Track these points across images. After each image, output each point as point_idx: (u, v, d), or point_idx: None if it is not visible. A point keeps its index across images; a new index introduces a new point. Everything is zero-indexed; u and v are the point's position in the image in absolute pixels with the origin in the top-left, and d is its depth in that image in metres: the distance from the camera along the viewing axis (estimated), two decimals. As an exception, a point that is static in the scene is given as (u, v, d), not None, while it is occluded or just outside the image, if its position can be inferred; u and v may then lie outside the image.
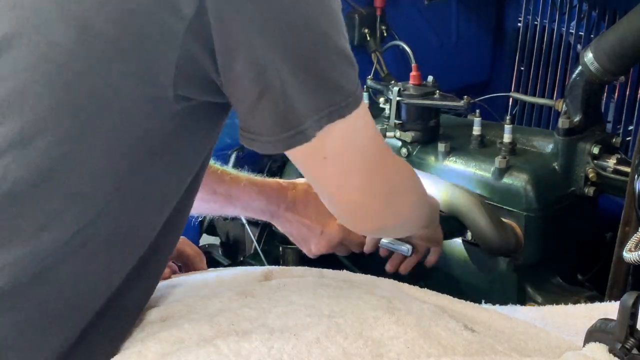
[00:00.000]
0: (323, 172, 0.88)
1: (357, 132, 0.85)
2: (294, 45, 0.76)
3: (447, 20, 2.08)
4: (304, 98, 0.77)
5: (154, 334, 0.80)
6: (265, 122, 0.78)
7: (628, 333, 0.76)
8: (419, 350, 0.75)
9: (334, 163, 0.86)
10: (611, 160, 1.40)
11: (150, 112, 0.76)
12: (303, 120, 0.78)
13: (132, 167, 0.78)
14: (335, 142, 0.83)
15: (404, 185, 1.00)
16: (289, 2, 0.75)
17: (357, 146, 0.87)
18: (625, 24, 1.36)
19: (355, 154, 0.87)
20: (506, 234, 1.41)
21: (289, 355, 0.73)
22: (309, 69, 0.77)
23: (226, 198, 1.23)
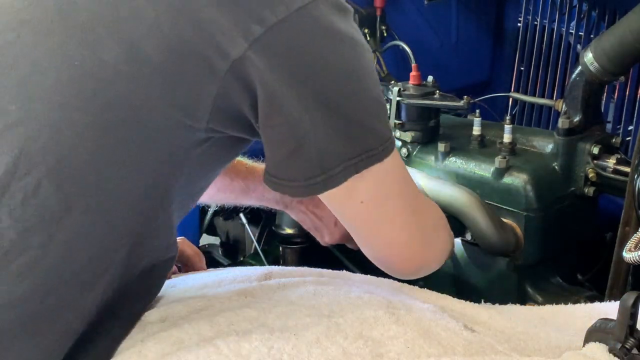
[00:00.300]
0: (360, 217, 0.89)
1: (392, 175, 0.87)
2: (333, 96, 0.78)
3: (447, 20, 2.08)
4: (340, 145, 0.79)
5: (153, 334, 0.80)
6: (298, 170, 0.80)
7: (628, 333, 0.76)
8: (419, 350, 0.75)
9: (371, 207, 0.87)
10: (611, 160, 1.40)
11: (179, 138, 0.78)
12: (335, 165, 0.80)
13: (150, 186, 0.78)
14: (371, 186, 0.84)
15: (436, 223, 1.01)
16: (328, 53, 0.77)
17: (393, 189, 0.88)
18: (625, 24, 1.36)
19: (392, 197, 0.88)
20: (506, 234, 1.41)
21: (289, 355, 0.73)
22: (347, 118, 0.79)
23: (242, 189, 1.24)
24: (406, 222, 0.91)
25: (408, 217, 0.92)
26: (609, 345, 0.77)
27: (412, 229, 0.93)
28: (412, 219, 0.92)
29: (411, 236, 0.93)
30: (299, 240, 1.74)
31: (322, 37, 0.77)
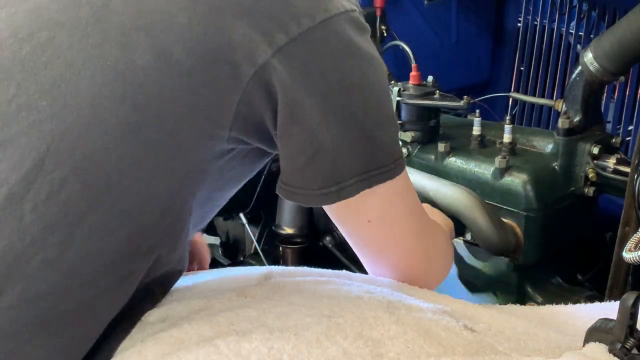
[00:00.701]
0: (366, 237, 0.90)
1: (401, 195, 0.89)
2: (351, 109, 0.81)
3: (447, 20, 2.08)
4: (355, 158, 0.81)
5: (153, 334, 0.80)
6: (313, 179, 0.82)
7: (628, 333, 0.76)
8: (418, 350, 0.75)
9: (378, 227, 0.88)
10: (611, 160, 1.40)
11: (203, 147, 0.79)
12: (348, 177, 0.82)
13: (171, 194, 0.79)
14: (380, 204, 0.86)
15: (441, 247, 1.02)
16: (349, 67, 0.80)
17: (401, 211, 0.90)
18: (625, 24, 1.36)
19: (400, 219, 0.90)
20: (506, 234, 1.41)
21: (289, 355, 0.73)
22: (363, 132, 0.82)
23: None
24: (412, 245, 0.93)
25: (414, 240, 0.93)
26: (609, 345, 0.77)
27: (417, 253, 0.94)
28: (418, 242, 0.94)
29: (416, 260, 0.94)
30: (299, 240, 1.74)
31: (343, 51, 0.80)
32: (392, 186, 0.86)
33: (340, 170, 0.81)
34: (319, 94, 0.78)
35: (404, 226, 0.91)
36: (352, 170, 0.82)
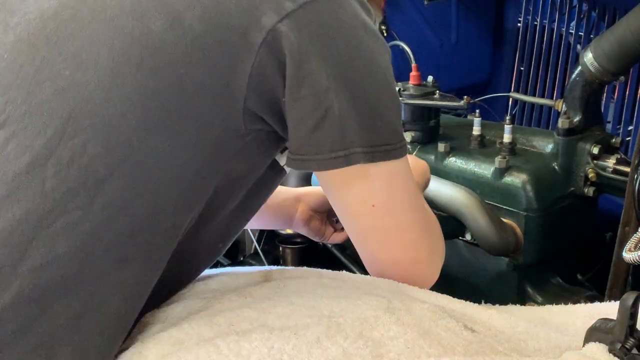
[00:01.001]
0: (371, 224, 0.90)
1: (404, 181, 0.89)
2: (358, 79, 0.82)
3: (447, 20, 2.09)
4: (361, 128, 0.82)
5: (153, 334, 0.80)
6: (323, 142, 0.82)
7: (628, 333, 0.76)
8: (419, 351, 0.75)
9: (382, 213, 0.88)
10: (611, 160, 1.40)
11: (220, 121, 0.80)
12: (356, 145, 0.82)
13: (190, 166, 0.80)
14: (384, 186, 0.87)
15: (441, 239, 1.01)
16: (356, 39, 0.82)
17: (404, 198, 0.90)
18: (624, 24, 1.36)
19: (404, 208, 0.90)
20: (506, 234, 1.41)
21: (289, 355, 0.73)
22: (370, 104, 0.83)
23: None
24: (417, 238, 0.92)
25: (418, 233, 0.92)
26: (609, 345, 0.77)
27: (422, 247, 0.93)
28: (422, 236, 0.93)
29: (420, 254, 0.94)
30: (299, 240, 1.74)
31: (351, 24, 0.82)
32: (396, 169, 0.86)
33: (348, 137, 0.82)
34: (328, 60, 0.79)
35: (408, 217, 0.90)
36: (359, 140, 0.82)
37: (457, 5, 2.08)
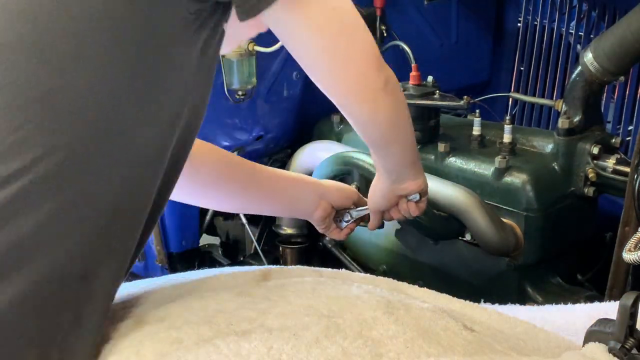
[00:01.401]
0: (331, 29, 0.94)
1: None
2: None
3: (447, 20, 2.09)
4: None
5: (152, 334, 0.80)
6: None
7: (627, 333, 0.76)
8: (418, 350, 0.75)
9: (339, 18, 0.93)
10: (611, 160, 1.40)
11: (169, 14, 0.80)
12: None
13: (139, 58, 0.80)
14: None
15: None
16: None
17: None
18: (625, 24, 1.36)
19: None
20: (506, 234, 1.41)
21: (288, 355, 0.73)
22: None
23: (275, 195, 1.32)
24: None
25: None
26: (608, 345, 0.77)
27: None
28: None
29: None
30: (299, 240, 1.75)
31: None
32: None
33: None
34: None
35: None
36: None
37: (457, 5, 2.08)
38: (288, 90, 1.80)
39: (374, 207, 1.34)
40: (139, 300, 0.91)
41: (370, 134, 1.14)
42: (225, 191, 1.25)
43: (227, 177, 1.23)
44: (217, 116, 1.70)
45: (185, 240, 1.82)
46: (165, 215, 1.76)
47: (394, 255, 1.65)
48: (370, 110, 1.05)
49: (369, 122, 1.09)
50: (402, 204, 1.31)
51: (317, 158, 1.70)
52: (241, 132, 1.75)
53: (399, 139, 1.16)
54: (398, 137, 1.15)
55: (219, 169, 1.22)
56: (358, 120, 1.09)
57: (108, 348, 0.79)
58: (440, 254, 1.57)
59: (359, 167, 1.56)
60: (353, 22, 0.97)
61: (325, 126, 1.79)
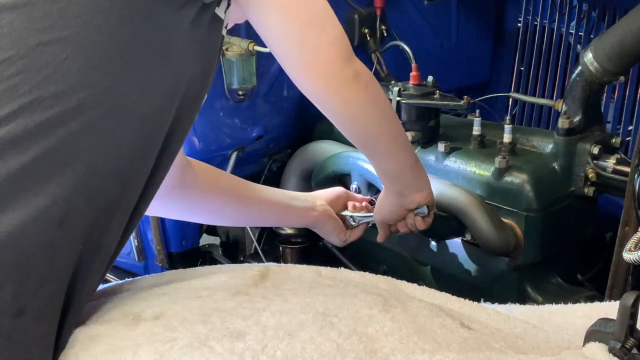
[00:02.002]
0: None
1: None
2: None
3: (447, 20, 2.08)
4: None
5: (147, 333, 0.80)
6: None
7: (628, 333, 0.76)
8: (413, 346, 0.74)
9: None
10: (611, 160, 1.40)
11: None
12: None
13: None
14: None
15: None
16: None
17: None
18: (625, 24, 1.36)
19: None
20: (506, 234, 1.41)
21: (282, 352, 0.73)
22: None
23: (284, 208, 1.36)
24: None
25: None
26: (608, 345, 0.77)
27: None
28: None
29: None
30: (299, 240, 1.74)
31: None
32: None
33: None
34: None
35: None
36: None
37: (457, 5, 2.08)
38: (288, 90, 1.79)
39: (381, 219, 1.35)
40: (136, 297, 0.91)
41: (348, 130, 1.14)
42: (220, 201, 1.28)
43: (221, 187, 1.27)
44: (217, 116, 1.70)
45: (185, 240, 1.82)
46: (165, 216, 1.76)
47: (394, 255, 1.65)
48: (340, 102, 1.05)
49: (342, 116, 1.09)
50: (409, 218, 1.32)
51: (317, 158, 1.70)
52: (241, 132, 1.75)
53: (381, 137, 1.15)
54: (380, 135, 1.14)
55: (211, 179, 1.25)
56: (330, 114, 1.09)
57: (104, 346, 0.79)
58: (440, 254, 1.57)
59: (358, 167, 1.56)
60: (324, 12, 0.98)
61: (325, 126, 1.79)
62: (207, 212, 1.29)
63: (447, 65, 2.06)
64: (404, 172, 1.23)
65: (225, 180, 1.29)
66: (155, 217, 1.73)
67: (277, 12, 0.95)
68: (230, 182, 1.29)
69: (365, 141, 1.16)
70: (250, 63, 1.64)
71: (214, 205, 1.27)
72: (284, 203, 1.33)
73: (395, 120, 1.16)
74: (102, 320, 0.84)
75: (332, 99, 1.04)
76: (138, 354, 0.76)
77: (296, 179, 1.78)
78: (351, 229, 1.42)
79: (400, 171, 1.22)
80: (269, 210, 1.33)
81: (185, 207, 1.22)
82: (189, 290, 0.91)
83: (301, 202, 1.35)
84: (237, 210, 1.31)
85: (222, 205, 1.28)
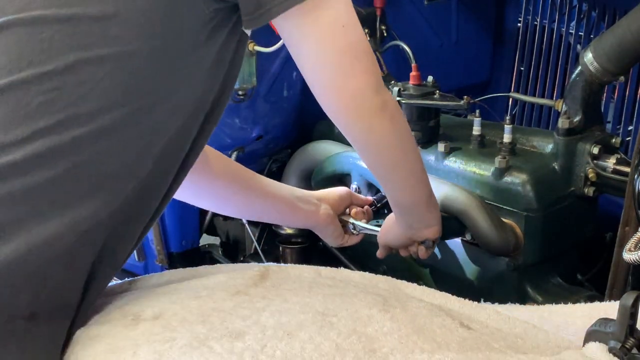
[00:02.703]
0: (345, 42, 0.96)
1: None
2: None
3: (447, 20, 2.08)
4: None
5: (147, 332, 0.80)
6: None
7: (628, 333, 0.76)
8: (412, 346, 0.74)
9: (352, 28, 0.96)
10: (611, 160, 1.40)
11: (187, 13, 0.84)
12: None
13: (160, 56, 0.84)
14: (344, 4, 0.94)
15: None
16: None
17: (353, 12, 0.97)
18: (624, 24, 1.36)
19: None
20: (506, 234, 1.41)
21: (282, 351, 0.73)
22: None
23: (291, 207, 1.35)
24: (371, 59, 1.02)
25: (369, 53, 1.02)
26: (608, 345, 0.77)
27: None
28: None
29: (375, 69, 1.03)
30: (299, 240, 1.74)
31: None
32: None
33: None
34: None
35: (360, 31, 0.99)
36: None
37: (457, 5, 2.08)
38: (288, 90, 1.79)
39: (386, 243, 1.35)
40: (136, 297, 0.91)
41: (368, 158, 1.14)
42: (229, 191, 1.27)
43: (231, 177, 1.26)
44: (217, 116, 1.70)
45: (185, 240, 1.82)
46: (165, 215, 1.76)
47: (394, 255, 1.65)
48: (364, 130, 1.05)
49: (364, 143, 1.09)
50: (412, 247, 1.33)
51: (317, 158, 1.70)
52: (241, 132, 1.75)
53: (399, 169, 1.14)
54: (398, 166, 1.14)
55: (222, 167, 1.25)
56: (353, 139, 1.09)
57: (104, 345, 0.79)
58: (440, 254, 1.57)
59: (358, 168, 1.56)
60: (360, 42, 0.98)
61: (325, 126, 1.79)
62: (213, 199, 1.29)
63: (447, 65, 2.06)
64: (418, 206, 1.23)
65: (235, 170, 1.28)
66: (155, 217, 1.74)
67: (314, 39, 0.95)
68: (239, 173, 1.28)
69: (383, 171, 1.16)
70: (250, 63, 1.63)
71: (221, 194, 1.26)
72: (290, 202, 1.33)
73: (415, 155, 1.16)
74: (102, 320, 0.84)
75: (356, 126, 1.05)
76: (137, 353, 0.76)
77: (296, 179, 1.77)
78: (350, 234, 1.42)
79: (414, 204, 1.22)
80: (273, 208, 1.33)
81: (192, 191, 1.21)
82: (189, 290, 0.91)
83: (306, 204, 1.35)
84: (243, 202, 1.30)
85: (230, 195, 1.27)
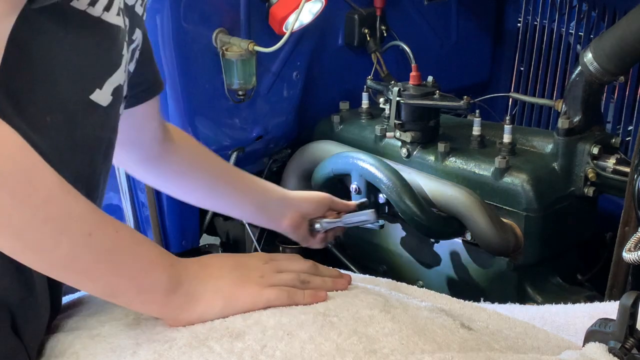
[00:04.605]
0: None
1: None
2: None
3: (447, 20, 2.09)
4: None
5: (146, 333, 0.80)
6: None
7: (627, 333, 0.76)
8: (413, 347, 0.74)
9: None
10: (611, 160, 1.40)
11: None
12: None
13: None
14: None
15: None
16: None
17: None
18: (624, 24, 1.36)
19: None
20: (506, 234, 1.41)
21: (282, 351, 0.73)
22: None
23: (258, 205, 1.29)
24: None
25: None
26: (608, 345, 0.77)
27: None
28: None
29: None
30: (299, 240, 1.74)
31: None
32: None
33: None
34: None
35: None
36: None
37: (457, 5, 2.08)
38: (288, 90, 1.79)
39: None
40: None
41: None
42: (194, 182, 1.21)
43: (198, 167, 1.20)
44: (217, 116, 1.70)
45: (185, 240, 1.82)
46: (165, 215, 1.76)
47: (394, 255, 1.65)
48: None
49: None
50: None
51: (317, 158, 1.70)
52: (241, 132, 1.75)
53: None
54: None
55: (191, 157, 1.19)
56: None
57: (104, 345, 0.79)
58: (440, 254, 1.57)
59: (358, 167, 1.56)
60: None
61: (325, 126, 1.79)
62: (175, 189, 1.26)
63: (447, 65, 2.06)
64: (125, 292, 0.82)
65: (204, 163, 1.22)
66: (155, 218, 1.74)
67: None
68: (209, 166, 1.22)
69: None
70: (250, 63, 1.64)
71: (184, 186, 1.22)
72: (257, 203, 1.26)
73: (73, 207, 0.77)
74: (103, 320, 0.84)
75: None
76: (137, 353, 0.76)
77: (296, 179, 1.78)
78: (314, 236, 1.34)
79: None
80: (237, 206, 1.28)
81: (154, 177, 1.20)
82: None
83: (275, 207, 1.28)
84: (206, 196, 1.26)
85: (193, 189, 1.22)
